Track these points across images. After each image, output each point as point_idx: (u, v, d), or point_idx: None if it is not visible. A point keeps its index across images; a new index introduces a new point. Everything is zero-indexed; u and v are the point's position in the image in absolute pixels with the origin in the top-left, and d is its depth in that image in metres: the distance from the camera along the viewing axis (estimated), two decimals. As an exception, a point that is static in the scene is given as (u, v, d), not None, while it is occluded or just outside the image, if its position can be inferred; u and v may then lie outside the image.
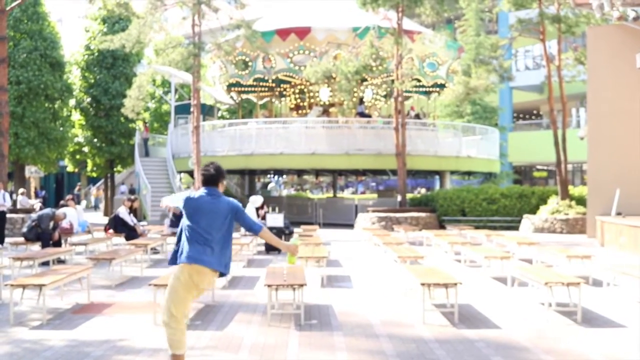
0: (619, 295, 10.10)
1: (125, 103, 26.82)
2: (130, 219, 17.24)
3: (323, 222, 27.63)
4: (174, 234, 17.30)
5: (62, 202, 17.93)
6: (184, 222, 5.85)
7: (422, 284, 8.24)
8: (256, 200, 19.65)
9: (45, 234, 14.32)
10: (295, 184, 54.17)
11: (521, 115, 53.50)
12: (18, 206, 26.05)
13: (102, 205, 34.98)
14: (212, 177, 5.89)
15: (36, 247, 14.59)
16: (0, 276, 9.69)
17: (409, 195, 28.33)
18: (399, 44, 24.87)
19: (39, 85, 30.81)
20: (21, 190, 28.88)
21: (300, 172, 38.05)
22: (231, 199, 5.96)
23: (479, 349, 6.86)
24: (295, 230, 18.12)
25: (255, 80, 30.60)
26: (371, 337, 7.42)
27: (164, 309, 5.73)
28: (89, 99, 34.72)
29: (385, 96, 32.94)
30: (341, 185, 51.90)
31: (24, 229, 14.81)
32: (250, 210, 19.09)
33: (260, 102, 36.52)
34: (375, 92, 32.80)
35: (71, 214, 16.70)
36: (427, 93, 33.93)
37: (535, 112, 53.28)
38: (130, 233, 16.87)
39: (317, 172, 36.58)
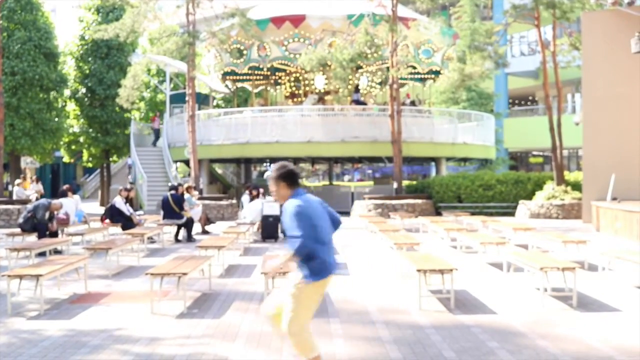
0: (614, 279, 10.15)
1: (120, 93, 26.78)
2: (126, 209, 17.25)
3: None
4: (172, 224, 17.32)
5: (64, 187, 17.87)
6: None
7: (418, 271, 8.27)
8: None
9: (41, 225, 14.31)
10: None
11: (517, 101, 53.51)
12: (14, 197, 26.02)
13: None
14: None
15: (32, 237, 14.59)
16: (-3, 267, 9.71)
17: (405, 182, 28.37)
18: (394, 31, 24.82)
19: (33, 76, 30.75)
20: (17, 180, 28.85)
21: (296, 160, 38.00)
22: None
23: (475, 334, 6.89)
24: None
25: (250, 68, 30.54)
26: (368, 323, 7.45)
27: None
28: (83, 89, 34.67)
29: (380, 83, 32.92)
30: (337, 173, 51.97)
31: (20, 220, 14.80)
32: (252, 201, 18.98)
33: (256, 91, 36.49)
34: (371, 80, 32.77)
35: (68, 204, 16.69)
36: (423, 80, 33.90)
37: (530, 98, 53.30)
38: (127, 223, 16.88)
39: (313, 160, 36.61)
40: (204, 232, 18.98)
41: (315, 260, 5.07)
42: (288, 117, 28.70)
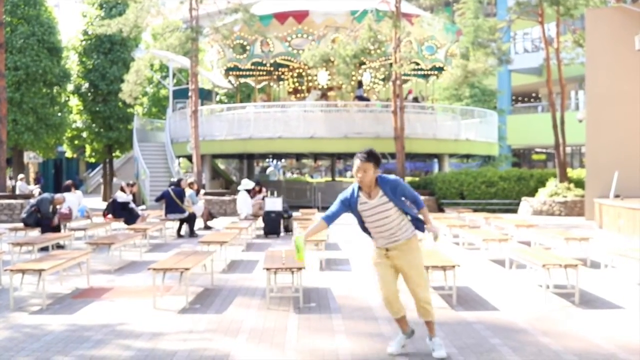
0: (617, 277, 10.14)
1: (123, 88, 26.77)
2: (128, 200, 17.37)
3: (322, 205, 27.62)
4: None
5: (68, 182, 17.95)
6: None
7: (421, 267, 8.24)
8: (247, 183, 19.54)
9: (45, 219, 14.31)
10: (294, 168, 54.19)
11: (520, 98, 53.45)
12: (17, 192, 26.05)
13: None
14: None
15: (35, 232, 14.60)
16: (0, 262, 9.71)
17: (407, 179, 28.34)
18: (397, 27, 24.79)
19: (37, 71, 30.71)
20: (20, 175, 28.87)
21: (298, 156, 38.04)
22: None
23: (477, 330, 6.89)
24: (294, 214, 18.12)
25: (253, 64, 30.52)
26: (370, 319, 7.45)
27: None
28: (86, 84, 34.65)
29: (383, 79, 32.86)
30: (340, 169, 51.91)
31: (23, 215, 14.81)
32: (242, 196, 18.98)
33: (259, 86, 36.44)
34: (374, 76, 32.73)
35: (71, 199, 16.70)
36: (426, 76, 33.86)
37: (534, 94, 53.24)
38: (130, 217, 16.89)
39: (316, 156, 36.60)
40: (206, 227, 19.00)
41: None
42: (291, 113, 28.67)
